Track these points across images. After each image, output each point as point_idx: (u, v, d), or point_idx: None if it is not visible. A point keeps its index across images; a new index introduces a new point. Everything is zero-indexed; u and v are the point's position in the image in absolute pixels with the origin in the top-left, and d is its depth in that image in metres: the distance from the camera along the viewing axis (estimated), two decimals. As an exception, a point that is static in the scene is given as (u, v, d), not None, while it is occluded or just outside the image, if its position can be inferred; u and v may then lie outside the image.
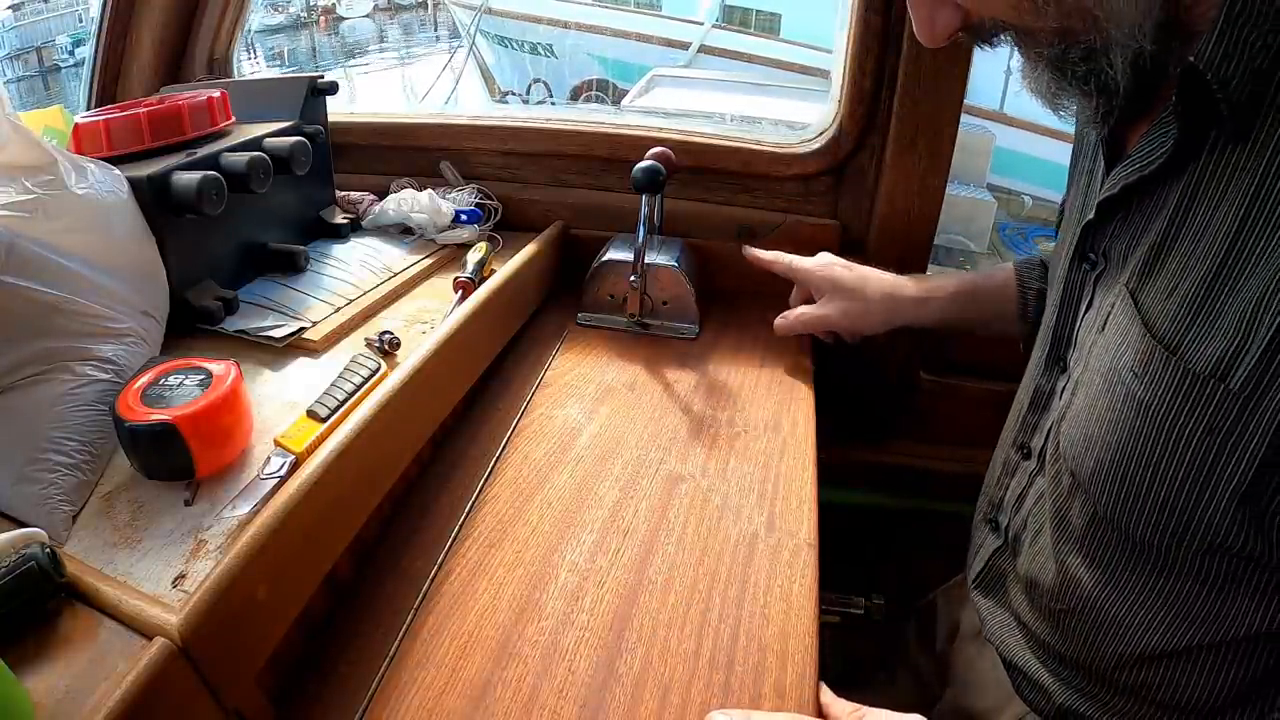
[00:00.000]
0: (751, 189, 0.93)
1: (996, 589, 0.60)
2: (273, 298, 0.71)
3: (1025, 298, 0.72)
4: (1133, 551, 0.45)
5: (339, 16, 15.38)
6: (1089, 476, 0.46)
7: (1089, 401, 0.46)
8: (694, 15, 7.00)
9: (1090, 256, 0.49)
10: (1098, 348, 0.46)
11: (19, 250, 0.51)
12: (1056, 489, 0.50)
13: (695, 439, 0.67)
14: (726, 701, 0.45)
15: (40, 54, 12.17)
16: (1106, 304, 0.46)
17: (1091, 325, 0.48)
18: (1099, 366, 0.45)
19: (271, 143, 0.72)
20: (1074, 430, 0.48)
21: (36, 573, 0.38)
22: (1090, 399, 0.46)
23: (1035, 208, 6.45)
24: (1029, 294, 0.71)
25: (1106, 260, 0.48)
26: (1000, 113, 6.34)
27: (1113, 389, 0.44)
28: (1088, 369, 0.47)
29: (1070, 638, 0.51)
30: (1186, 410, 0.39)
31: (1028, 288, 0.72)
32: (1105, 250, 0.48)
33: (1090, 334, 0.48)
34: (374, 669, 0.47)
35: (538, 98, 7.24)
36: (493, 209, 0.94)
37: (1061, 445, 0.49)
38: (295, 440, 0.51)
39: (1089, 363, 0.47)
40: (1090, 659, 0.50)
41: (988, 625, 0.60)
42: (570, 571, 0.54)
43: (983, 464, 0.67)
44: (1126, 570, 0.46)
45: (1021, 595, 0.55)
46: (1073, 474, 0.48)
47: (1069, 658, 0.52)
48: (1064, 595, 0.50)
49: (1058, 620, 0.52)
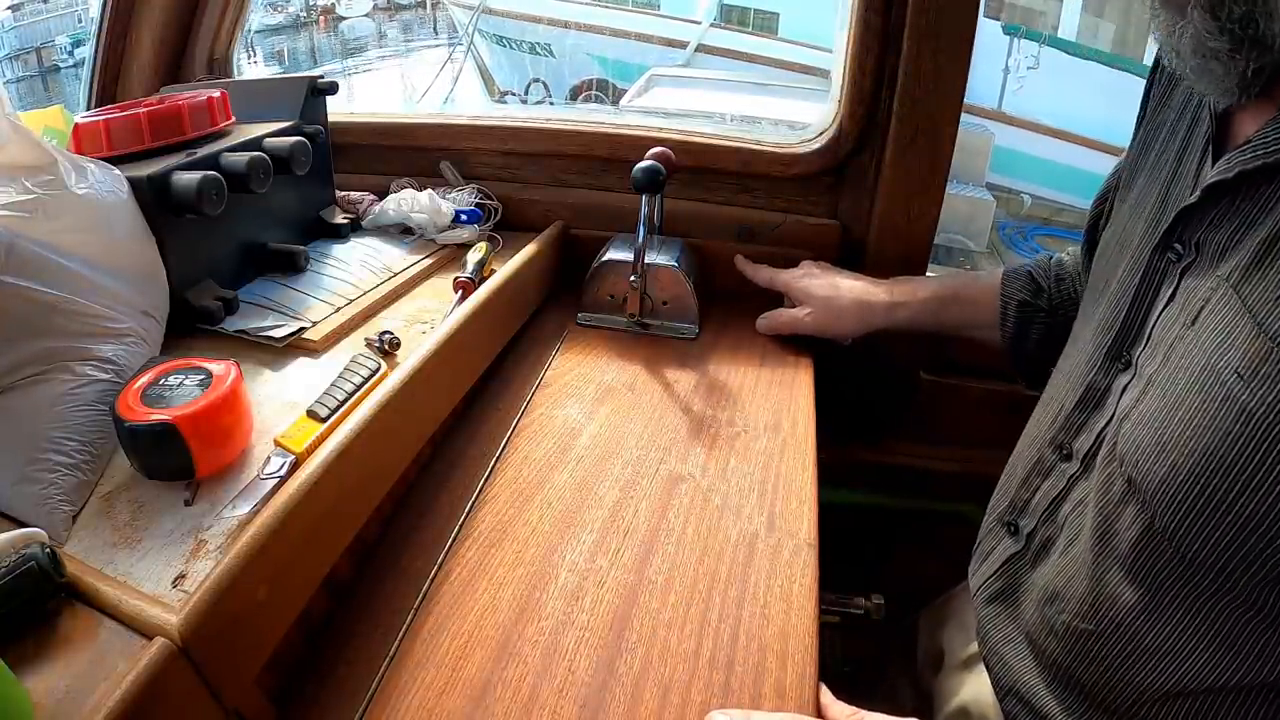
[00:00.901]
0: (752, 189, 0.93)
1: (1006, 599, 0.55)
2: (273, 298, 0.71)
3: (1007, 308, 0.72)
4: (1185, 572, 0.41)
5: (339, 16, 15.38)
6: (1156, 485, 0.42)
7: (1169, 402, 0.42)
8: (692, 15, 7.00)
9: (1177, 246, 0.46)
10: (1186, 344, 0.42)
11: (19, 250, 0.51)
12: (1105, 496, 0.46)
13: (695, 439, 0.67)
14: (726, 701, 0.45)
15: (39, 54, 12.17)
16: (1198, 298, 0.42)
17: (1174, 320, 0.44)
18: (1188, 365, 0.41)
19: (271, 143, 0.72)
20: (1142, 433, 0.43)
21: (36, 573, 0.38)
22: (1171, 400, 0.42)
23: (1035, 206, 6.46)
24: (1010, 305, 0.72)
25: (1198, 251, 0.44)
26: (999, 111, 6.35)
27: (1207, 391, 0.40)
28: (1168, 366, 0.43)
29: (1091, 661, 0.47)
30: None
31: (1010, 298, 0.72)
32: (1198, 240, 0.44)
33: (1173, 329, 0.44)
34: (374, 669, 0.47)
35: (536, 98, 7.25)
36: (493, 209, 0.94)
37: (1120, 448, 0.45)
38: (295, 440, 0.51)
39: (1171, 360, 0.43)
40: (1110, 688, 0.46)
41: (990, 640, 0.56)
42: (570, 571, 0.54)
43: (983, 464, 0.67)
44: (1174, 592, 0.42)
45: (1036, 609, 0.51)
46: (1130, 480, 0.44)
47: (1084, 685, 0.48)
48: (1094, 613, 0.46)
49: (1079, 640, 0.48)
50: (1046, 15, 6.66)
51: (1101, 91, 6.29)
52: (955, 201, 5.28)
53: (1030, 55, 6.41)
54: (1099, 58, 6.45)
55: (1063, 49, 6.49)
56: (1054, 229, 6.28)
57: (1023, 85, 6.44)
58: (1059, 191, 6.42)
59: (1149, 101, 0.57)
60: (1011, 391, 0.93)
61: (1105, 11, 6.62)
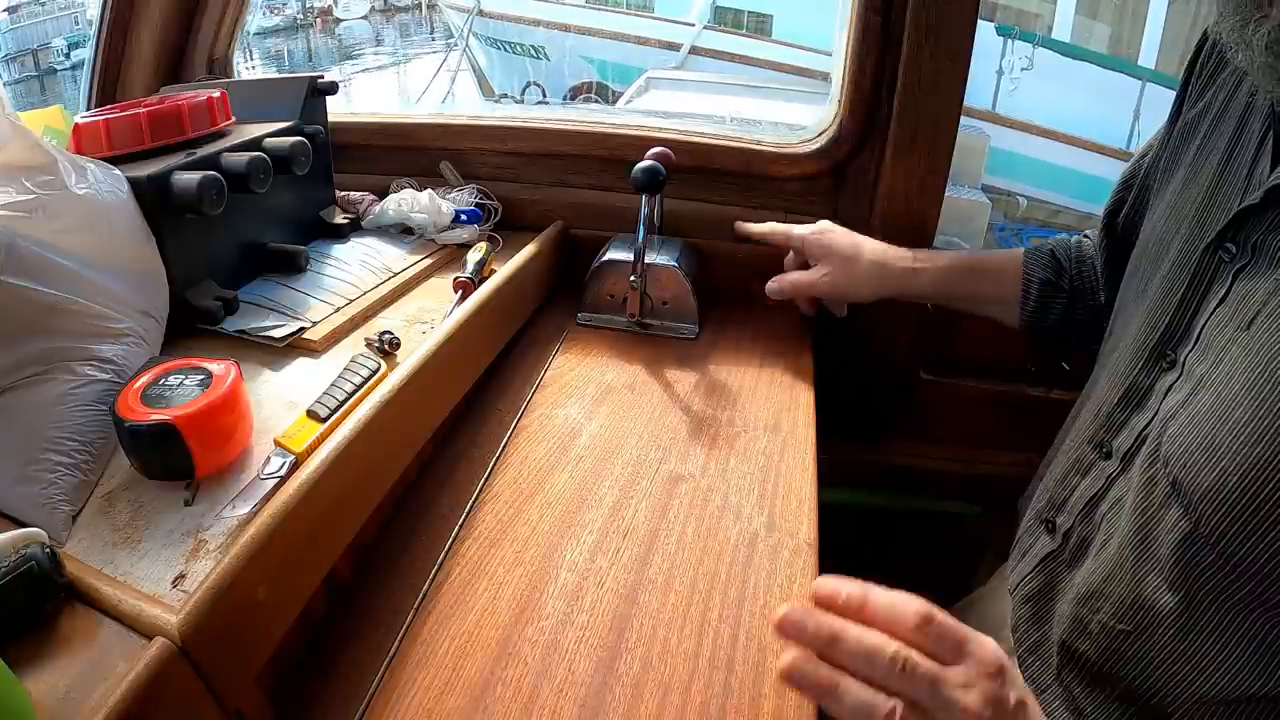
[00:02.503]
0: (752, 189, 0.93)
1: (1043, 597, 0.55)
2: (273, 298, 0.71)
3: (1029, 286, 0.70)
4: (1227, 578, 0.41)
5: (336, 18, 15.39)
6: (1204, 489, 0.41)
7: (1221, 406, 0.41)
8: (686, 17, 7.01)
9: (1230, 247, 0.45)
10: (1240, 347, 0.41)
11: (19, 250, 0.51)
12: (1146, 498, 0.45)
13: (695, 439, 0.67)
14: (726, 702, 0.45)
15: (36, 56, 12.16)
16: (1255, 301, 0.42)
17: (1227, 322, 0.44)
18: (1245, 367, 0.41)
19: (271, 143, 0.72)
20: (1191, 435, 0.43)
21: (36, 573, 0.38)
22: (1223, 404, 0.41)
23: (1031, 208, 6.46)
24: (1033, 283, 0.70)
25: (1254, 253, 0.43)
26: (993, 113, 6.35)
27: (1261, 396, 0.39)
28: (1220, 369, 0.42)
29: (1126, 663, 0.46)
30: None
31: (1033, 276, 0.70)
32: (1255, 242, 0.43)
33: (1226, 330, 0.43)
34: (374, 669, 0.47)
35: (533, 100, 7.25)
36: (493, 209, 0.94)
37: (1165, 449, 0.44)
38: (295, 440, 0.51)
39: (1224, 363, 0.42)
40: (1144, 691, 0.45)
41: (1025, 638, 0.55)
42: (570, 571, 0.54)
43: (983, 464, 0.67)
44: (1214, 598, 0.41)
45: (1071, 608, 0.51)
46: (1175, 483, 0.43)
47: (1118, 687, 0.47)
48: (1130, 614, 0.46)
49: (1115, 641, 0.47)
50: (1041, 16, 6.66)
51: (1096, 92, 6.29)
52: (951, 203, 5.24)
53: (1024, 56, 6.42)
54: (1093, 59, 6.45)
55: (1056, 50, 6.49)
56: (1050, 230, 6.28)
57: (1016, 86, 6.45)
58: (1054, 193, 6.42)
59: (1186, 94, 0.56)
60: (1011, 391, 0.93)
61: (1099, 12, 6.62)
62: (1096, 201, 6.46)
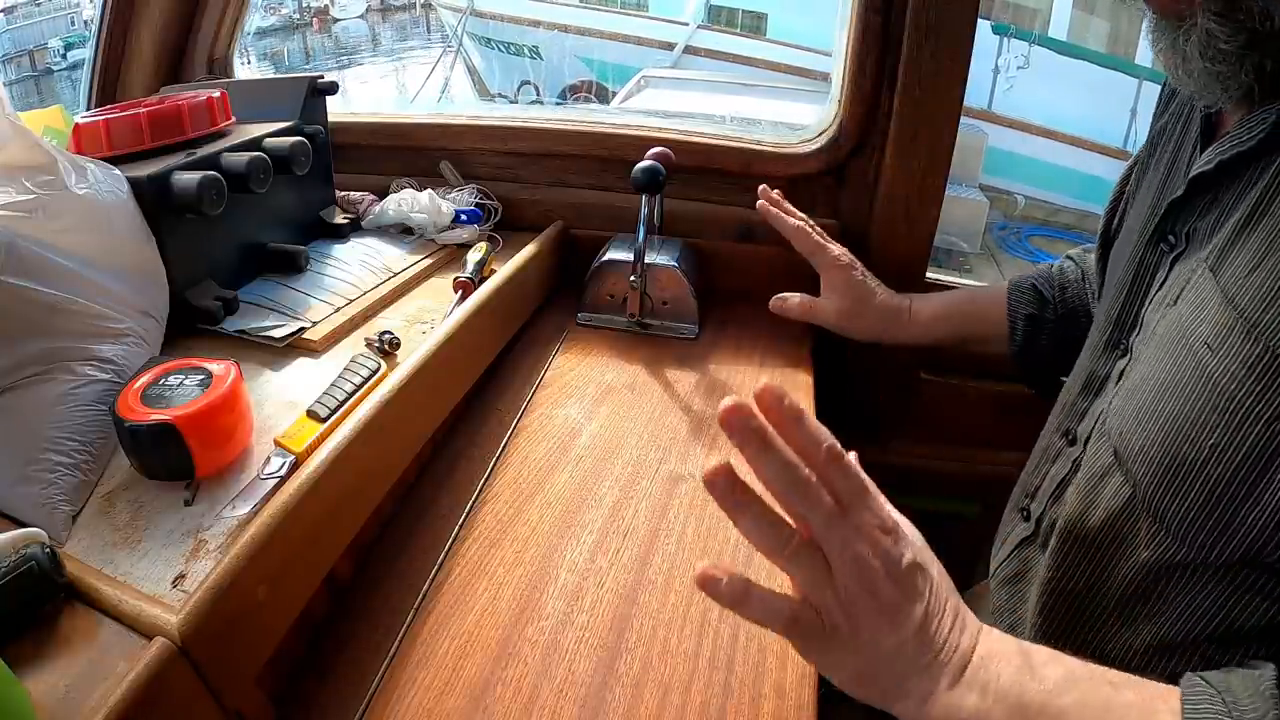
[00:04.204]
0: (752, 189, 0.92)
1: (1018, 581, 0.57)
2: (273, 298, 0.71)
3: (1014, 323, 0.74)
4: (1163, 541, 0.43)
5: (333, 18, 15.37)
6: (1136, 452, 0.44)
7: (1148, 372, 0.44)
8: (680, 16, 7.00)
9: (1170, 238, 0.48)
10: (1166, 320, 0.45)
11: (19, 250, 0.51)
12: (1090, 470, 0.49)
13: (695, 439, 0.67)
14: (726, 702, 0.45)
15: (33, 57, 12.15)
16: (1181, 280, 0.45)
17: (1161, 302, 0.47)
18: (1165, 337, 0.44)
19: (271, 143, 0.72)
20: (1126, 405, 0.46)
21: (36, 573, 0.38)
22: (1150, 370, 0.44)
23: (1028, 207, 6.45)
24: (1017, 320, 0.74)
25: (1188, 241, 0.46)
26: (989, 111, 6.34)
27: (1179, 361, 0.42)
28: (1150, 345, 0.46)
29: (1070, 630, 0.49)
30: (1259, 390, 0.37)
31: (1017, 313, 0.74)
32: (1188, 231, 0.47)
33: (1159, 310, 0.46)
34: (374, 669, 0.47)
35: (528, 99, 7.24)
36: (493, 209, 0.94)
37: (1108, 422, 0.48)
38: (295, 440, 0.51)
39: (1153, 336, 0.46)
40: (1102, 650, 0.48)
41: (1002, 623, 0.57)
42: (570, 571, 0.54)
43: (983, 463, 0.67)
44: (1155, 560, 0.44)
45: (1038, 585, 0.53)
46: (1116, 451, 0.46)
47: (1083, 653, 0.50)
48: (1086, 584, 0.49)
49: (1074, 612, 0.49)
50: (1039, 13, 6.64)
51: (1093, 90, 6.29)
52: (949, 203, 5.24)
53: (1020, 55, 6.41)
54: (1090, 57, 6.44)
55: (1053, 48, 6.48)
56: (1048, 229, 6.28)
57: (1013, 85, 6.44)
58: (1052, 192, 6.42)
59: (1160, 106, 0.59)
60: (1011, 391, 0.93)
61: (1096, 9, 6.60)
62: (1094, 200, 6.45)
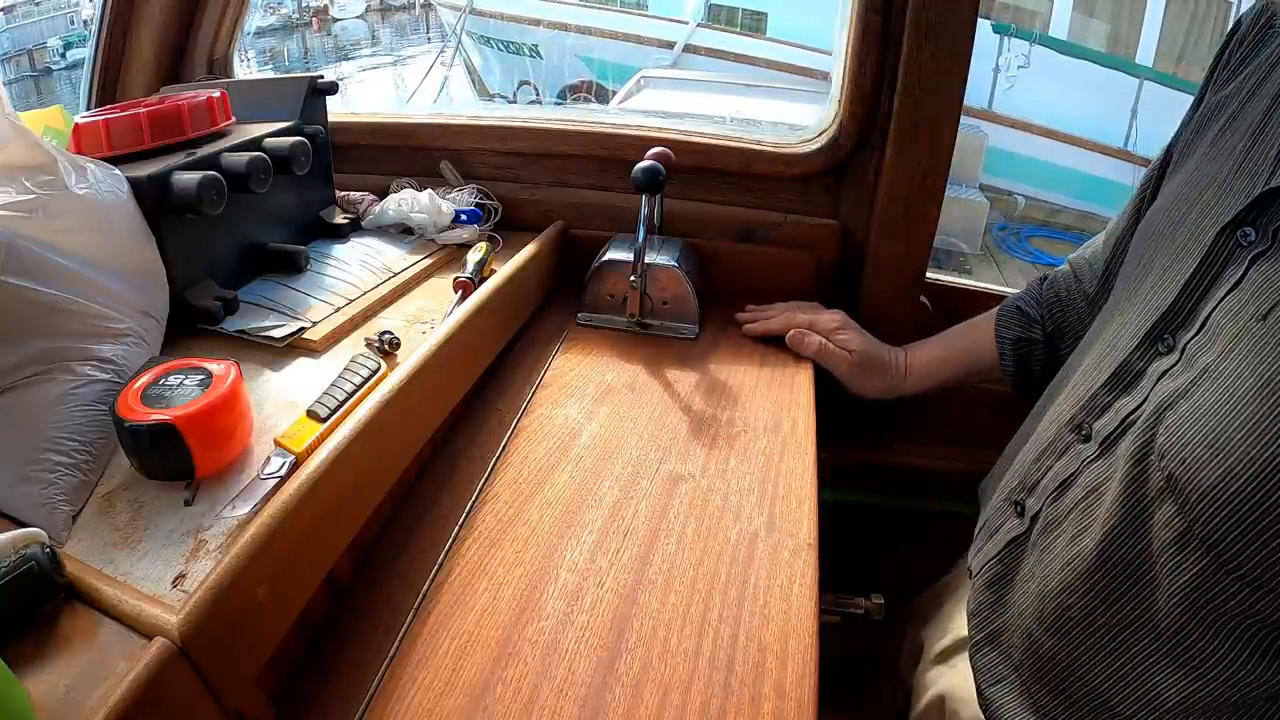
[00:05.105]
0: (752, 189, 0.93)
1: (1006, 583, 0.53)
2: (273, 298, 0.71)
3: (1003, 349, 0.74)
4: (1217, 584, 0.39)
5: (332, 18, 15.36)
6: (1204, 488, 0.39)
7: (1230, 401, 0.39)
8: (680, 15, 6.99)
9: (1249, 230, 0.42)
10: (1255, 340, 0.39)
11: (19, 250, 0.51)
12: (1136, 491, 0.43)
13: (695, 439, 0.67)
14: (726, 702, 0.45)
15: (31, 56, 12.14)
16: (1275, 290, 0.39)
17: (1239, 310, 0.41)
18: (1256, 363, 0.38)
19: (271, 143, 0.72)
20: (1192, 429, 0.40)
21: (36, 573, 0.38)
22: (1233, 399, 0.39)
23: (1029, 207, 6.45)
24: (1005, 346, 0.74)
25: (1275, 239, 0.41)
26: (989, 111, 6.34)
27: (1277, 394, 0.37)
28: (1231, 361, 0.40)
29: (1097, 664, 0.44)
30: None
31: (1004, 338, 0.74)
32: (1278, 228, 0.41)
33: (1238, 321, 0.41)
34: (374, 669, 0.47)
35: (527, 99, 7.23)
36: (493, 209, 0.94)
37: (1161, 442, 0.42)
38: (295, 440, 0.51)
39: (1235, 354, 0.40)
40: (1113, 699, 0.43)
41: (984, 625, 0.54)
42: (570, 571, 0.54)
43: (982, 463, 0.67)
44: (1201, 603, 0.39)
45: (1036, 600, 0.49)
46: (1171, 478, 0.41)
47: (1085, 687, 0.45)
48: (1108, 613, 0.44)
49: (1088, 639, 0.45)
50: (1039, 13, 6.64)
51: (1093, 90, 6.29)
52: (949, 203, 5.22)
53: (1020, 54, 6.40)
54: (1091, 57, 6.44)
55: (1054, 48, 6.47)
56: (1048, 230, 6.27)
57: (1013, 84, 6.44)
58: (1052, 192, 6.41)
59: (1212, 80, 0.55)
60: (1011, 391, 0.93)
61: (1097, 9, 6.59)
62: (1094, 200, 6.44)
